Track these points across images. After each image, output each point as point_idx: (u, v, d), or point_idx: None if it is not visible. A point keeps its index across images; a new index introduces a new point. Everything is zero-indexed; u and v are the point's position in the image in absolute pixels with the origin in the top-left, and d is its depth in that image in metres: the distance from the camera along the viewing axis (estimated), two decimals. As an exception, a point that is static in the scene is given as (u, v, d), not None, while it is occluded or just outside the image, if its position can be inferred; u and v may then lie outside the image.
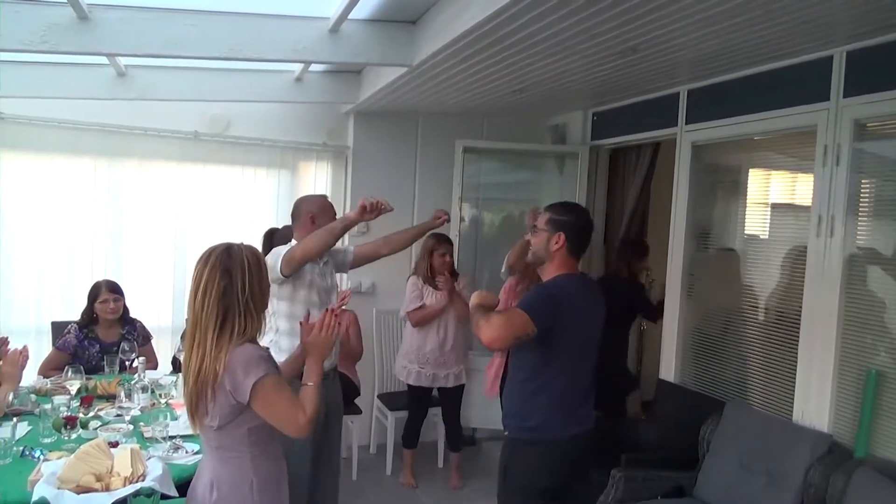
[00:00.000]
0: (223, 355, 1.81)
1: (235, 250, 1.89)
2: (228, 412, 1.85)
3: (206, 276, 1.85)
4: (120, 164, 4.47)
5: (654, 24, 2.60)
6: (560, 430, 2.50)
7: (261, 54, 3.21)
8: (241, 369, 1.81)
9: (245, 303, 1.85)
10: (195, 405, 1.87)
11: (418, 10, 3.16)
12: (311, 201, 3.15)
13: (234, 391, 1.82)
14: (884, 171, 2.95)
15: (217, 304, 1.83)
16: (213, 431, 1.89)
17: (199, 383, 1.83)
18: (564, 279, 2.50)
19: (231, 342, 1.83)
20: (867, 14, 2.50)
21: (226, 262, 1.86)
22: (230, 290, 1.84)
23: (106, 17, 2.96)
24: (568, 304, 2.44)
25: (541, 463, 2.52)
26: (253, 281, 1.87)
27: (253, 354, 1.85)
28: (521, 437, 2.55)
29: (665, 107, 4.02)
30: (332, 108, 4.89)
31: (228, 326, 1.84)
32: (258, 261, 1.93)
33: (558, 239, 2.48)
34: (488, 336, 2.33)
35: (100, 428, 2.85)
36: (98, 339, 3.78)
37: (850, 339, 2.93)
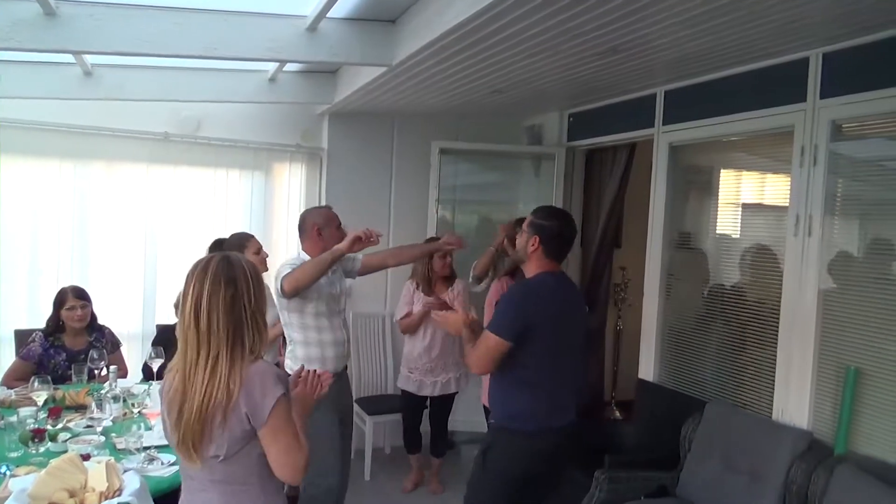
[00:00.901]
0: (237, 374, 1.63)
1: (234, 258, 1.73)
2: (240, 438, 1.65)
3: (208, 288, 1.64)
4: (87, 165, 4.34)
5: (635, 24, 2.60)
6: (540, 423, 2.61)
7: (237, 53, 3.13)
8: (259, 388, 1.64)
9: (252, 314, 1.68)
10: (199, 435, 1.64)
11: (398, 10, 3.12)
12: (316, 213, 3.17)
13: (252, 413, 1.63)
14: (860, 171, 3.00)
15: (226, 317, 1.64)
16: (217, 463, 1.67)
17: (207, 410, 1.62)
18: (539, 278, 2.64)
19: (244, 359, 1.66)
20: (843, 17, 2.53)
21: (228, 272, 1.68)
22: (237, 302, 1.66)
23: (74, 13, 2.85)
24: (537, 302, 2.59)
25: (519, 451, 2.62)
26: (257, 291, 1.71)
27: (269, 372, 1.69)
28: (504, 425, 2.66)
29: (642, 108, 4.04)
30: (307, 109, 4.82)
31: (239, 342, 1.66)
32: (257, 270, 1.77)
33: (534, 242, 2.63)
34: (474, 369, 2.72)
35: (69, 440, 2.75)
36: (65, 348, 3.65)
37: (828, 336, 2.96)
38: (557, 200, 4.88)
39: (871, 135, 2.93)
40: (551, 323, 2.58)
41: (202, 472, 1.71)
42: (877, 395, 2.75)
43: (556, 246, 2.64)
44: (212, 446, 1.65)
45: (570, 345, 2.69)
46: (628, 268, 5.40)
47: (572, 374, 2.74)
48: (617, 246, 5.35)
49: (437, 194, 4.85)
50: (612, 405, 5.49)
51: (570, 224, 2.71)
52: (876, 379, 2.76)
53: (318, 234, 3.01)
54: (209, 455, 1.66)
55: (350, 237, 2.79)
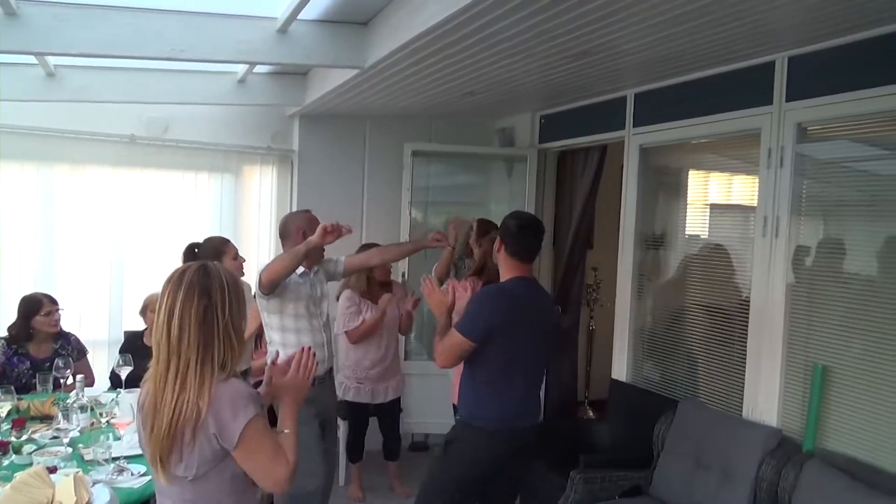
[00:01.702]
0: (206, 391, 1.57)
1: (212, 268, 1.67)
2: (210, 458, 1.60)
3: (182, 298, 1.60)
4: (50, 168, 4.25)
5: (606, 28, 2.62)
6: (504, 423, 2.69)
7: (205, 55, 3.09)
8: (229, 409, 1.58)
9: (225, 328, 1.61)
10: (167, 452, 1.59)
11: (370, 12, 3.10)
12: (299, 217, 3.16)
13: (220, 434, 1.58)
14: (825, 172, 3.06)
15: (198, 329, 1.59)
16: (187, 483, 1.62)
17: (176, 426, 1.57)
18: (510, 283, 2.71)
19: (213, 375, 1.59)
20: (807, 22, 2.58)
21: (204, 282, 1.62)
22: (210, 315, 1.60)
23: (35, 13, 2.78)
24: (504, 306, 2.65)
25: (480, 448, 2.70)
26: (233, 303, 1.64)
27: (241, 392, 1.62)
28: (469, 422, 2.73)
29: (613, 110, 4.08)
30: (277, 111, 4.77)
31: (209, 357, 1.59)
32: (236, 282, 1.70)
33: (499, 244, 2.73)
34: (439, 363, 2.72)
35: (35, 453, 2.67)
36: (29, 356, 3.56)
37: (796, 335, 3.02)
38: (530, 202, 4.91)
39: (835, 137, 3.00)
40: (518, 328, 2.66)
41: (174, 491, 1.66)
42: (844, 392, 2.81)
43: (516, 244, 2.70)
44: (180, 466, 1.60)
45: (538, 350, 2.78)
46: (600, 268, 5.45)
47: (539, 378, 2.85)
48: (589, 247, 5.39)
49: (409, 196, 4.84)
50: (585, 405, 5.54)
51: (531, 222, 2.77)
52: (842, 376, 2.82)
53: (304, 236, 2.95)
54: (178, 475, 1.61)
55: (319, 229, 2.81)
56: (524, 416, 2.76)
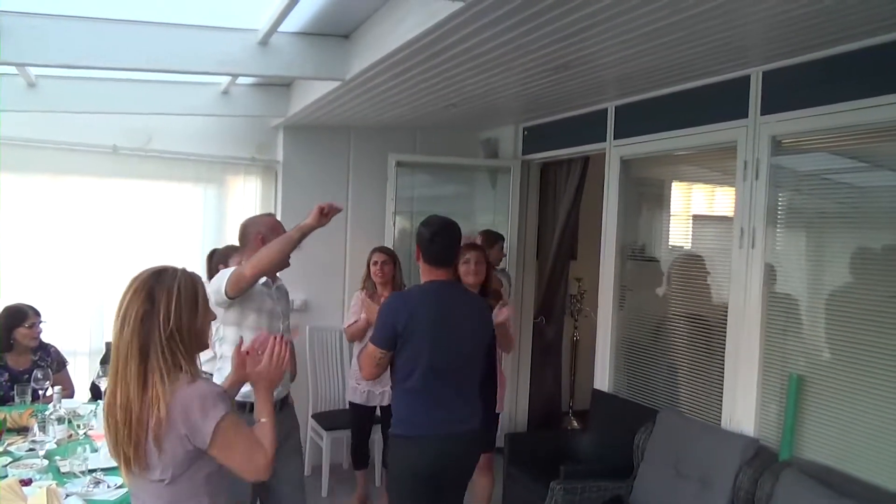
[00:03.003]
0: (159, 395, 1.55)
1: (168, 273, 1.64)
2: (183, 460, 1.60)
3: (128, 300, 1.59)
4: (30, 179, 4.23)
5: (586, 41, 2.66)
6: (425, 429, 2.62)
7: (185, 66, 3.10)
8: (199, 410, 1.57)
9: (168, 337, 1.58)
10: (133, 454, 1.57)
11: (351, 25, 3.12)
12: (259, 222, 2.90)
13: (192, 436, 1.58)
14: (799, 184, 3.11)
15: (136, 333, 1.57)
16: (163, 487, 1.61)
17: (132, 427, 1.56)
18: (422, 286, 2.71)
19: (162, 381, 1.56)
20: (779, 37, 2.63)
21: (151, 286, 1.60)
22: (150, 319, 1.57)
23: (15, 24, 2.78)
24: (406, 311, 2.59)
25: (405, 456, 2.64)
26: (181, 312, 1.60)
27: (207, 392, 1.61)
28: (394, 432, 2.69)
29: (594, 122, 4.13)
30: (261, 122, 4.77)
31: (153, 361, 1.57)
32: (193, 289, 1.65)
33: (416, 252, 2.72)
34: (363, 374, 2.71)
35: (10, 465, 2.64)
36: (7, 367, 3.52)
37: (772, 345, 3.06)
38: (513, 212, 4.94)
39: (809, 149, 3.05)
40: (431, 331, 2.58)
41: (148, 495, 1.65)
42: (819, 401, 2.85)
43: (431, 252, 2.65)
44: (155, 470, 1.59)
45: (463, 353, 2.69)
46: (584, 279, 5.49)
47: (473, 381, 2.75)
48: (573, 257, 5.44)
49: (394, 206, 4.85)
50: (569, 415, 5.56)
51: (444, 228, 2.69)
52: (818, 386, 2.85)
53: (263, 243, 2.75)
54: (154, 479, 1.60)
55: (315, 210, 2.60)
56: (456, 421, 2.65)
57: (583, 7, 2.23)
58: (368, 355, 2.65)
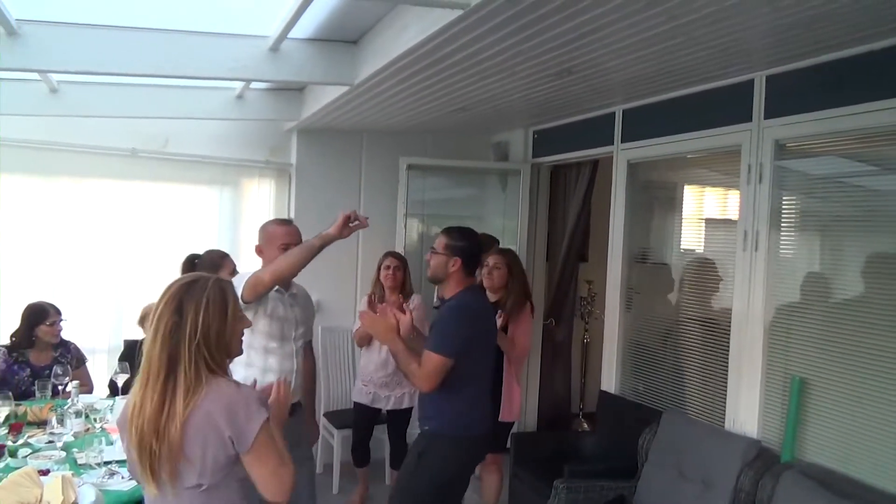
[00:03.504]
0: (180, 405, 1.56)
1: (199, 284, 1.65)
2: (224, 465, 1.61)
3: (160, 310, 1.62)
4: (52, 181, 4.36)
5: (586, 47, 2.71)
6: (472, 429, 2.80)
7: (200, 72, 3.19)
8: (244, 411, 1.59)
9: (196, 348, 1.60)
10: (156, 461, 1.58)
11: (359, 31, 3.20)
12: (261, 231, 2.87)
13: (237, 438, 1.59)
14: (803, 187, 3.13)
15: (165, 345, 1.59)
16: (197, 493, 1.62)
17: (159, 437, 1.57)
18: (467, 295, 2.81)
19: (187, 391, 1.58)
20: (781, 42, 2.65)
21: (182, 297, 1.62)
22: (178, 333, 1.59)
23: (37, 32, 2.90)
24: (472, 318, 2.78)
25: (455, 455, 2.78)
26: (209, 323, 1.61)
27: (251, 393, 1.64)
28: (442, 432, 2.78)
29: (602, 126, 4.16)
30: (275, 125, 4.87)
31: (176, 373, 1.59)
32: (223, 299, 1.67)
33: (455, 263, 2.77)
34: (422, 387, 2.73)
35: (30, 456, 2.74)
36: (29, 363, 3.64)
37: (775, 348, 3.07)
38: (523, 215, 4.98)
39: (813, 153, 3.06)
40: (481, 336, 2.81)
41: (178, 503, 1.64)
42: (821, 404, 2.85)
43: (473, 264, 2.85)
44: (192, 476, 1.60)
45: (490, 355, 2.93)
46: (595, 281, 5.50)
47: (489, 384, 2.97)
48: (583, 260, 5.46)
49: (405, 209, 4.92)
50: (580, 417, 5.57)
51: (478, 240, 2.95)
52: (820, 388, 2.86)
53: (260, 253, 2.79)
54: (189, 486, 1.61)
55: (340, 220, 2.59)
56: (485, 421, 2.88)
57: (580, 14, 2.28)
58: (437, 368, 2.62)
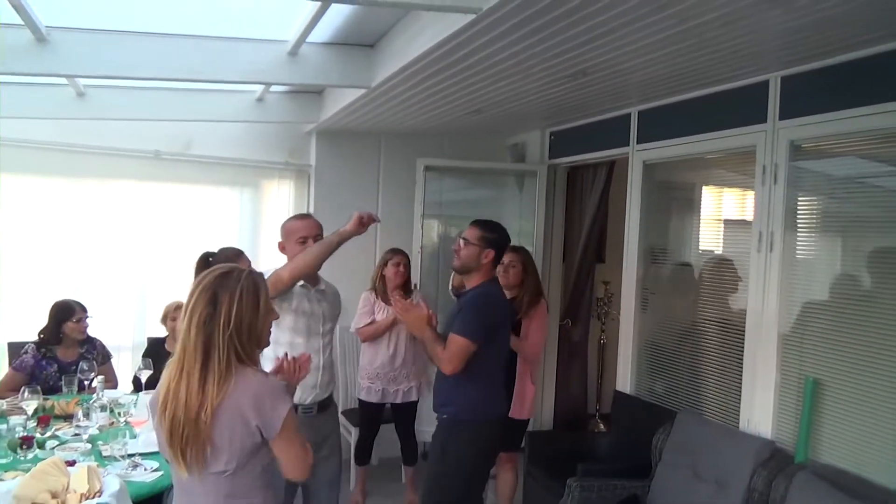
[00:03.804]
0: (211, 392, 1.63)
1: (233, 276, 1.72)
2: (250, 451, 1.69)
3: (194, 301, 1.68)
4: (79, 183, 4.48)
5: (599, 49, 2.73)
6: (491, 413, 2.94)
7: (221, 76, 3.28)
8: (270, 400, 1.67)
9: (229, 337, 1.65)
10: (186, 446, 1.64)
11: (376, 34, 3.26)
12: (281, 228, 2.94)
13: (264, 426, 1.67)
14: (819, 188, 3.12)
15: (200, 334, 1.65)
16: (223, 478, 1.69)
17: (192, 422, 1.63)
18: (491, 286, 2.98)
19: (219, 378, 1.64)
20: (794, 43, 2.66)
21: (216, 288, 1.68)
22: (212, 322, 1.65)
23: (64, 39, 3.00)
24: (494, 306, 2.94)
25: (477, 440, 2.90)
26: (242, 314, 1.68)
27: (277, 385, 1.73)
28: (461, 418, 2.91)
29: (618, 127, 4.17)
30: (295, 127, 4.95)
31: (210, 361, 1.65)
32: (255, 291, 1.73)
33: (488, 254, 2.92)
34: (448, 370, 2.85)
35: (57, 447, 2.84)
36: (56, 359, 3.75)
37: (789, 349, 3.07)
38: (539, 216, 5.00)
39: (828, 154, 3.06)
40: (501, 325, 2.96)
41: (204, 488, 1.70)
42: (835, 405, 2.85)
43: (500, 258, 3.04)
44: (220, 461, 1.67)
45: (506, 344, 3.09)
46: (612, 282, 5.50)
47: (504, 371, 3.12)
48: (601, 261, 5.46)
49: (422, 210, 4.96)
50: (596, 418, 5.56)
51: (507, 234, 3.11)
52: (834, 389, 2.86)
53: (282, 249, 2.88)
54: (216, 470, 1.67)
55: (354, 218, 2.68)
56: (502, 405, 3.06)
57: (591, 17, 2.31)
58: (461, 350, 2.78)
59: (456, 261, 2.98)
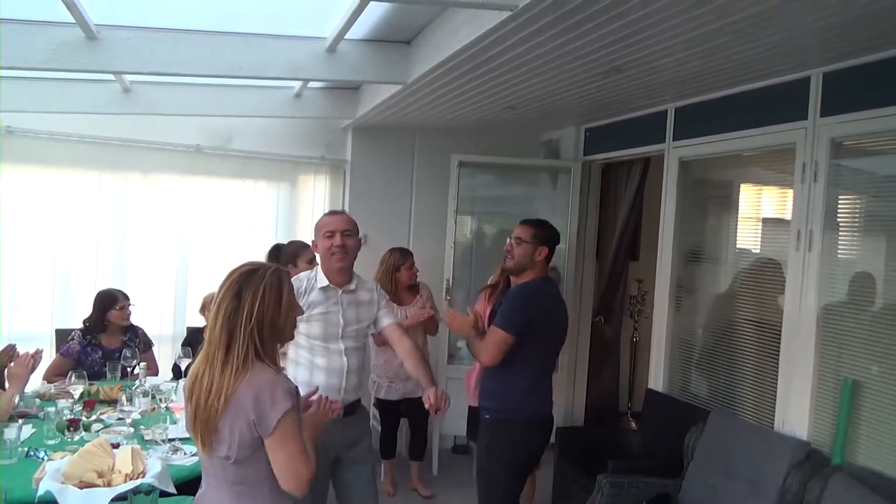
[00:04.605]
0: (226, 382, 1.70)
1: (258, 273, 1.78)
2: (249, 443, 1.72)
3: (222, 295, 1.76)
4: (124, 176, 4.62)
5: (635, 45, 2.72)
6: (535, 410, 2.94)
7: (261, 72, 3.34)
8: (269, 398, 1.69)
9: (250, 331, 1.72)
10: (206, 432, 1.72)
11: (413, 31, 3.29)
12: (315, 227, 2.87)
13: (259, 421, 1.69)
14: (860, 186, 3.06)
15: (224, 327, 1.73)
16: (229, 464, 1.74)
17: (207, 407, 1.71)
18: (540, 283, 2.98)
19: (234, 370, 1.71)
20: (837, 38, 2.61)
21: (241, 284, 1.75)
22: (235, 315, 1.72)
23: (113, 36, 3.10)
24: (539, 303, 2.93)
25: (521, 438, 2.92)
26: (264, 309, 1.74)
27: (279, 383, 1.74)
28: (504, 416, 2.93)
29: (654, 123, 4.14)
30: (331, 123, 5.02)
31: (230, 352, 1.72)
32: (279, 288, 1.78)
33: (542, 251, 2.94)
34: (484, 361, 2.90)
35: (101, 430, 2.94)
36: (101, 346, 3.88)
37: (827, 349, 3.02)
38: (573, 213, 4.99)
39: (871, 152, 3.00)
40: (549, 320, 2.94)
41: (217, 471, 1.78)
42: (874, 407, 2.80)
43: (553, 253, 3.02)
44: (223, 448, 1.72)
45: (557, 343, 3.07)
46: (645, 280, 5.45)
47: (552, 368, 3.15)
48: (634, 258, 5.42)
49: (455, 206, 4.98)
50: (627, 416, 5.53)
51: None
52: (873, 392, 2.81)
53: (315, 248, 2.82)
54: (220, 455, 1.73)
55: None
56: (545, 402, 3.01)
57: (628, 13, 2.30)
58: (498, 342, 2.82)
59: (509, 261, 2.98)
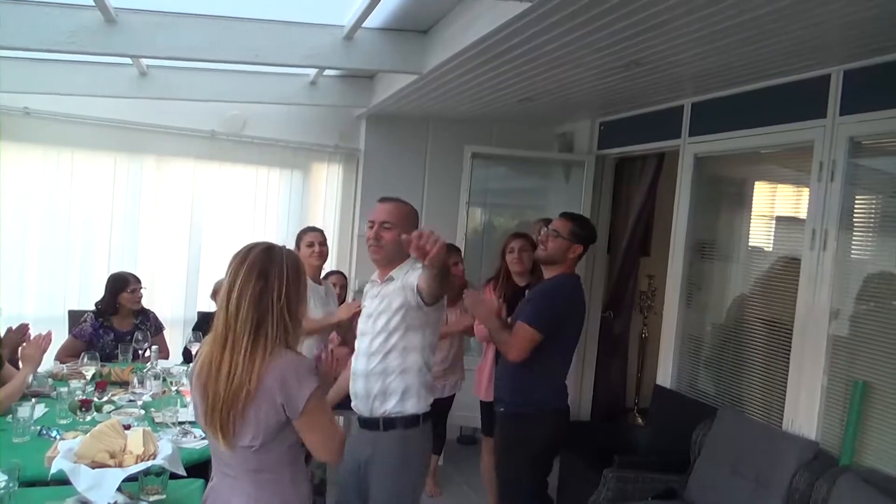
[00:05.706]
0: (256, 367, 1.65)
1: (276, 251, 1.75)
2: (275, 428, 1.69)
3: (242, 277, 1.68)
4: (139, 160, 4.64)
5: (654, 39, 2.71)
6: (555, 403, 2.95)
7: (279, 59, 3.34)
8: (295, 379, 1.67)
9: (280, 311, 1.68)
10: (226, 421, 1.66)
11: (430, 21, 3.28)
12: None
13: (287, 403, 1.66)
14: (878, 186, 3.03)
15: (253, 309, 1.67)
16: (251, 453, 1.70)
17: (231, 395, 1.65)
18: (571, 280, 2.97)
19: (266, 353, 1.67)
20: (859, 37, 2.58)
21: (264, 263, 1.70)
22: (266, 296, 1.68)
23: (132, 20, 3.11)
24: (570, 304, 2.94)
25: (538, 431, 2.91)
26: (290, 288, 1.71)
27: (305, 363, 1.72)
28: (522, 411, 2.93)
29: (670, 119, 4.11)
30: (345, 112, 5.02)
31: (262, 335, 1.67)
32: (297, 266, 1.77)
33: (576, 249, 2.93)
34: (512, 357, 2.86)
35: (113, 412, 2.96)
36: (113, 328, 3.91)
37: (839, 350, 3.00)
38: (586, 207, 4.96)
39: (890, 152, 2.97)
40: (574, 319, 2.97)
41: (234, 460, 1.73)
42: (884, 409, 2.79)
43: (585, 252, 2.99)
44: (247, 436, 1.67)
45: (577, 339, 3.07)
46: (656, 276, 5.44)
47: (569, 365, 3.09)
48: (645, 254, 5.40)
49: (467, 197, 4.98)
50: (634, 411, 5.53)
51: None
52: (884, 393, 2.80)
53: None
54: (244, 444, 1.68)
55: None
56: (562, 396, 3.01)
57: (648, 7, 2.29)
58: (527, 339, 2.80)
59: (542, 251, 2.96)
